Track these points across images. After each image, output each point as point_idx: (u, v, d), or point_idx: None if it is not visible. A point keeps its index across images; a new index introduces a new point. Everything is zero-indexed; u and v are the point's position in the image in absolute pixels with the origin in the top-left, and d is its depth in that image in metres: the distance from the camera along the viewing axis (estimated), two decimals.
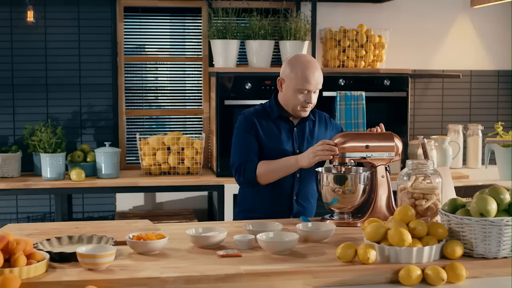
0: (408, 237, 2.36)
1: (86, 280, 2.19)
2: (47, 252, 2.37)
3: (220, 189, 4.68)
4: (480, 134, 5.32)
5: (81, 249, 2.34)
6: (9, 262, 2.22)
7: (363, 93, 4.88)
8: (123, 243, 2.58)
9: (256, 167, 3.18)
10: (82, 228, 2.91)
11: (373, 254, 2.34)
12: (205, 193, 5.32)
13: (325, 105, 4.86)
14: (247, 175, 3.20)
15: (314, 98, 3.24)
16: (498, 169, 4.84)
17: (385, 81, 4.96)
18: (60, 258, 2.38)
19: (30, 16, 4.89)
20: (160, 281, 2.22)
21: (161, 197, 5.32)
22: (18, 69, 5.02)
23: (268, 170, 3.17)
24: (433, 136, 5.16)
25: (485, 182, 4.68)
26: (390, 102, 5.02)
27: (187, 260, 2.43)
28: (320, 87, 3.25)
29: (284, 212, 3.28)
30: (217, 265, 2.35)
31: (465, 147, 5.38)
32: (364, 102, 4.87)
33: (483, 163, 5.32)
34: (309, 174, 3.23)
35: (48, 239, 2.57)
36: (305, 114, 3.28)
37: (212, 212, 5.19)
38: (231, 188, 4.61)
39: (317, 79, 3.20)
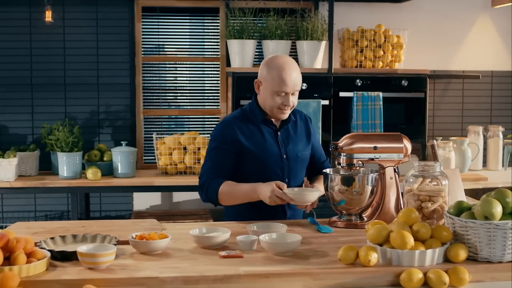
0: (410, 240, 2.33)
1: (85, 279, 2.20)
2: (49, 250, 2.38)
3: None
4: (501, 136, 5.24)
5: (81, 248, 2.34)
6: (9, 260, 2.23)
7: (381, 94, 4.84)
8: (127, 242, 2.58)
9: (219, 187, 3.06)
10: (88, 227, 2.92)
11: (374, 257, 2.31)
12: None
13: (342, 105, 4.86)
14: (209, 194, 3.10)
15: (293, 99, 3.12)
16: None
17: (403, 81, 4.92)
18: (61, 257, 2.39)
19: (48, 16, 4.94)
20: (158, 281, 2.21)
21: (178, 196, 5.33)
22: (36, 69, 5.07)
23: (230, 196, 3.07)
24: (452, 138, 5.10)
25: (505, 184, 4.61)
26: (408, 103, 4.98)
27: (188, 261, 2.42)
28: (299, 88, 3.13)
29: (277, 217, 3.16)
30: (217, 266, 2.34)
31: (485, 149, 5.31)
32: (381, 102, 4.83)
33: (503, 165, 5.25)
34: (297, 179, 3.20)
35: (52, 238, 2.58)
36: (284, 116, 3.17)
37: None
38: None
39: (294, 81, 3.08)
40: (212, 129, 5.32)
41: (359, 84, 4.88)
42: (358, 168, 3.03)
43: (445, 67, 5.43)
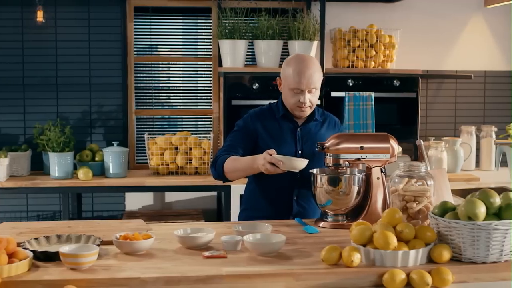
0: (394, 240, 2.32)
1: (66, 279, 2.19)
2: (32, 251, 2.37)
3: (227, 189, 4.67)
4: (494, 136, 5.23)
5: (64, 248, 2.33)
6: None
7: (372, 94, 4.83)
8: (111, 243, 2.57)
9: (225, 162, 3.14)
10: (74, 227, 2.91)
11: (357, 257, 2.30)
12: (214, 193, 5.32)
13: (334, 105, 4.85)
14: (217, 168, 3.17)
15: (310, 97, 3.17)
16: (509, 171, 4.75)
17: (395, 81, 4.92)
18: (44, 257, 2.38)
19: (40, 16, 4.93)
20: (139, 282, 2.20)
21: (170, 196, 5.32)
22: (28, 69, 5.06)
23: (234, 169, 3.13)
24: (444, 138, 5.10)
25: (497, 185, 4.60)
26: (400, 103, 4.97)
27: (171, 261, 2.41)
28: (316, 86, 3.18)
29: (284, 212, 3.23)
30: (200, 266, 2.33)
31: (478, 149, 5.30)
32: (373, 102, 4.83)
33: (496, 165, 5.24)
34: (309, 179, 3.18)
35: (36, 238, 2.57)
36: (303, 114, 3.23)
37: (221, 212, 5.18)
38: (238, 188, 4.59)
39: (309, 78, 3.13)
40: (204, 129, 5.33)
41: (351, 84, 4.87)
42: (344, 168, 3.02)
43: (438, 67, 5.43)
